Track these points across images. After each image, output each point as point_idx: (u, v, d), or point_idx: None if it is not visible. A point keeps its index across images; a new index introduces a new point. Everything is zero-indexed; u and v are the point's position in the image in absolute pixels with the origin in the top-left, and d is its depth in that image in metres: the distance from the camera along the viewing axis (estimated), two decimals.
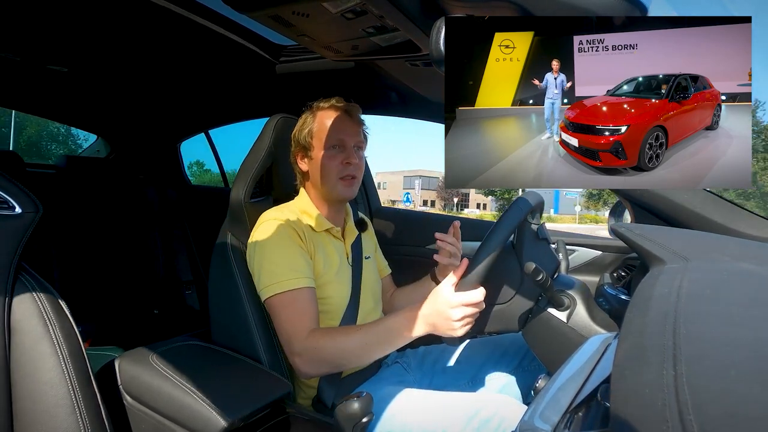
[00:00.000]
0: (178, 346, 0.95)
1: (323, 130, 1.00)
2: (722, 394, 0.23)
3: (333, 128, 1.00)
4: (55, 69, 1.70)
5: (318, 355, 0.87)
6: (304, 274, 0.92)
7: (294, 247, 0.94)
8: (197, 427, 0.75)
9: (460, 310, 0.77)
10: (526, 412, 0.46)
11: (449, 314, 0.78)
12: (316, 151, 1.00)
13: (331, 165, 0.99)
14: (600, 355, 0.52)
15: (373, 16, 0.83)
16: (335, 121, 1.01)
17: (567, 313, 0.87)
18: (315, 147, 1.01)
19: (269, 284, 0.90)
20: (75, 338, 0.68)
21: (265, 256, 0.92)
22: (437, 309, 0.80)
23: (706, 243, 0.59)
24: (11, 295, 0.64)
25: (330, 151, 1.00)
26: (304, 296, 0.91)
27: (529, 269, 0.78)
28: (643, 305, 0.35)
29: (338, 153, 1.00)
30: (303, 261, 0.94)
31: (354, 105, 1.05)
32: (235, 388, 0.82)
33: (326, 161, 0.99)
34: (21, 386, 0.63)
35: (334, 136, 0.99)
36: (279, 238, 0.93)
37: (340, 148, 1.00)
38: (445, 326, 0.79)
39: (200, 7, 1.17)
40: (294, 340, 0.89)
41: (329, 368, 0.91)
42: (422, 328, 0.82)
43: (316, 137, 1.01)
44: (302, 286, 0.91)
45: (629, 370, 0.29)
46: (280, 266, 0.91)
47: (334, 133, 1.00)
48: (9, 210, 0.66)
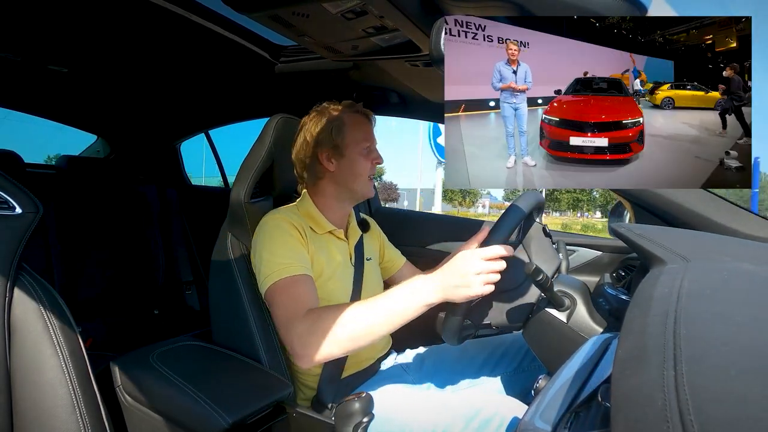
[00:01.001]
0: (178, 347, 0.95)
1: (357, 132, 1.04)
2: (722, 394, 0.23)
3: (363, 131, 1.05)
4: (55, 69, 1.71)
5: (318, 332, 0.81)
6: (302, 263, 0.92)
7: (293, 241, 0.94)
8: (197, 427, 0.75)
9: (481, 263, 0.75)
10: (527, 412, 0.46)
11: (468, 267, 0.75)
12: (350, 152, 1.03)
13: (365, 165, 1.04)
14: (600, 355, 0.52)
15: (373, 16, 0.83)
16: (364, 125, 1.06)
17: (567, 313, 0.87)
18: (349, 147, 1.03)
19: (268, 274, 0.90)
20: (75, 338, 0.68)
21: (265, 249, 0.93)
22: (455, 266, 0.77)
23: (706, 243, 0.59)
24: (11, 295, 0.64)
25: (365, 151, 1.05)
26: (302, 282, 0.90)
27: (530, 269, 0.78)
28: (643, 305, 0.35)
29: (369, 154, 1.05)
30: (302, 253, 0.94)
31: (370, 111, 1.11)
32: (235, 389, 0.82)
33: (361, 161, 1.04)
34: (21, 386, 0.63)
35: (366, 138, 1.05)
36: (280, 233, 0.94)
37: (370, 149, 1.06)
38: (461, 283, 0.75)
39: (200, 7, 1.17)
40: (291, 321, 0.85)
41: (331, 349, 0.82)
42: (434, 292, 0.78)
43: (350, 139, 1.03)
44: (300, 273, 0.90)
45: (630, 370, 0.29)
46: (279, 256, 0.91)
47: (365, 135, 1.05)
48: (9, 210, 0.66)
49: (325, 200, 1.06)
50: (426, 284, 0.79)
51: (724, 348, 0.28)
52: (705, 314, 0.32)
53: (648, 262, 0.48)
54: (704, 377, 0.25)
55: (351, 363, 1.02)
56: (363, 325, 0.81)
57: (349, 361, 1.01)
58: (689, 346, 0.27)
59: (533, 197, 0.92)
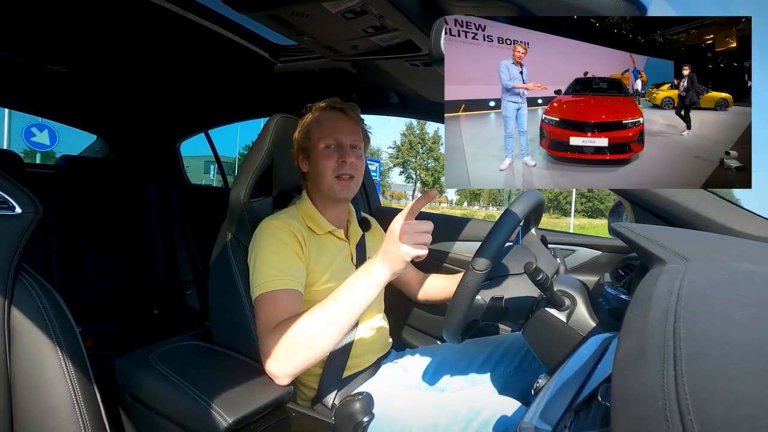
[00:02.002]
0: (178, 346, 0.95)
1: (320, 130, 1.01)
2: (722, 393, 0.23)
3: (329, 127, 1.01)
4: (54, 69, 1.70)
5: (285, 341, 0.80)
6: (292, 276, 0.90)
7: (288, 252, 0.93)
8: (197, 427, 0.75)
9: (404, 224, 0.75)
10: (527, 412, 0.46)
11: (395, 233, 0.75)
12: (314, 151, 1.01)
13: (326, 164, 1.00)
14: (600, 355, 0.52)
15: (373, 16, 0.83)
16: (332, 121, 1.02)
17: (567, 312, 0.87)
18: (313, 147, 1.01)
19: (256, 285, 0.90)
20: (75, 338, 0.68)
21: (258, 258, 0.92)
22: (386, 239, 0.77)
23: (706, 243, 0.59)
24: (11, 295, 0.63)
25: (326, 150, 1.00)
26: (286, 296, 0.88)
27: (529, 269, 0.78)
28: (643, 305, 0.35)
29: (334, 152, 1.00)
30: (294, 265, 0.93)
31: (352, 104, 1.05)
32: (235, 389, 0.82)
33: (322, 160, 1.00)
34: (21, 386, 0.63)
35: (330, 135, 1.00)
36: (275, 242, 0.93)
37: (336, 147, 1.01)
38: (394, 249, 0.75)
39: (200, 7, 1.17)
40: (263, 337, 0.85)
41: (301, 355, 0.80)
42: (380, 269, 0.78)
43: (314, 137, 1.01)
44: (286, 287, 0.89)
45: (629, 369, 0.29)
46: (271, 267, 0.90)
47: (330, 131, 1.00)
48: (9, 210, 0.66)
49: (315, 201, 1.06)
50: (371, 265, 0.79)
51: (724, 348, 0.28)
52: (705, 314, 0.32)
53: (648, 262, 0.48)
54: (704, 377, 0.25)
55: (351, 363, 1.02)
56: (324, 324, 0.80)
57: (350, 361, 1.01)
58: (689, 345, 0.27)
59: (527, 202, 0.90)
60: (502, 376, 1.07)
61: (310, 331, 0.80)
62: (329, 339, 0.80)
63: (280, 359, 0.81)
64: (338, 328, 0.80)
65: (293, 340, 0.80)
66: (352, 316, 0.81)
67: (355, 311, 0.80)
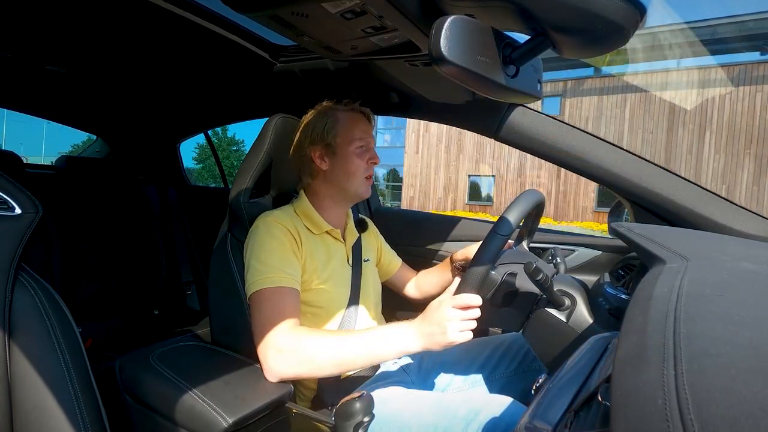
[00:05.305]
0: (178, 347, 0.95)
1: (351, 131, 1.03)
2: (722, 393, 0.23)
3: (360, 130, 1.04)
4: (53, 70, 1.70)
5: (298, 351, 0.83)
6: (289, 275, 0.91)
7: (284, 249, 0.93)
8: (197, 427, 0.75)
9: (452, 312, 0.77)
10: (526, 412, 0.46)
11: (441, 316, 0.77)
12: (343, 150, 1.02)
13: (359, 164, 1.03)
14: (600, 355, 0.52)
15: (373, 16, 0.83)
16: (360, 123, 1.05)
17: (567, 312, 0.87)
18: (342, 146, 1.02)
19: (253, 281, 0.90)
20: (75, 338, 0.68)
21: (253, 256, 0.92)
22: (429, 315, 0.80)
23: (706, 243, 0.59)
24: (11, 295, 0.63)
25: (359, 150, 1.03)
26: (286, 294, 0.89)
27: (529, 269, 0.78)
28: (643, 305, 0.35)
29: (365, 152, 1.04)
30: (290, 263, 0.93)
31: (368, 109, 1.10)
32: (235, 389, 0.82)
33: (356, 159, 1.03)
34: (21, 387, 0.63)
35: (362, 137, 1.04)
36: (271, 239, 0.93)
37: (365, 148, 1.04)
38: (438, 331, 0.77)
39: (199, 7, 1.17)
40: (275, 333, 0.85)
41: (305, 369, 0.84)
42: (414, 340, 0.80)
43: (343, 137, 1.02)
44: (285, 285, 0.89)
45: (630, 369, 0.29)
46: (267, 265, 0.90)
47: (361, 134, 1.04)
48: (8, 210, 0.66)
49: (320, 200, 1.05)
50: (408, 332, 0.81)
51: (724, 347, 0.28)
52: (705, 313, 0.32)
53: (648, 262, 0.48)
54: (704, 376, 0.25)
55: None
56: (345, 355, 0.83)
57: None
58: (689, 345, 0.27)
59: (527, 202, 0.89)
60: (502, 376, 1.07)
61: (331, 356, 0.83)
62: (331, 371, 0.85)
63: (289, 361, 0.83)
64: (344, 368, 0.85)
65: (313, 355, 0.83)
66: (361, 364, 0.84)
67: (367, 361, 0.84)
